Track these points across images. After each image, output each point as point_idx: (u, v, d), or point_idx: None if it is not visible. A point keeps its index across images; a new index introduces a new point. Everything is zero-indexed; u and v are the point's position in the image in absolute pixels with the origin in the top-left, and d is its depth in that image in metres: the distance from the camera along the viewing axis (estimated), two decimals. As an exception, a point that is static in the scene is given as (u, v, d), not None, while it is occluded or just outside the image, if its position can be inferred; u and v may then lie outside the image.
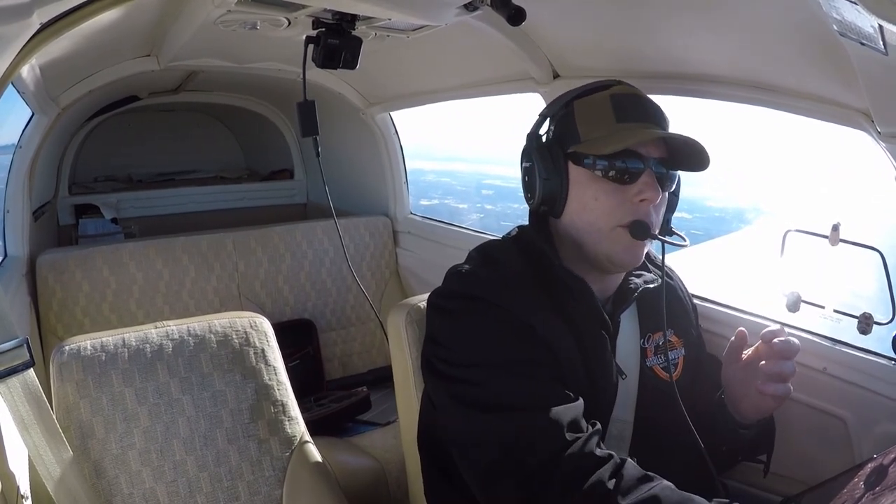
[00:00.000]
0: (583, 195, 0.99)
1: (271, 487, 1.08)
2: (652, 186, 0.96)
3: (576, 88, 1.05)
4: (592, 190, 0.98)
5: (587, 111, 1.01)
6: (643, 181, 0.96)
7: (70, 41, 1.34)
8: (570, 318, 0.98)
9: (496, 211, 15.15)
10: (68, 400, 0.99)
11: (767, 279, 1.29)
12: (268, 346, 1.16)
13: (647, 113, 0.99)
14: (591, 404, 0.96)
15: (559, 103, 1.04)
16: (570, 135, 1.01)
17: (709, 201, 12.16)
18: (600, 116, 0.99)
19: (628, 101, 1.00)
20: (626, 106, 0.99)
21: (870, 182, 9.64)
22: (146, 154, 3.34)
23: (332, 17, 1.34)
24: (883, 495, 0.75)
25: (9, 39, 0.89)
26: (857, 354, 1.16)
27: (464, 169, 23.03)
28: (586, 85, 1.04)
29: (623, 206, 0.97)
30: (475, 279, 1.00)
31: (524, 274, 1.00)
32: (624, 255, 1.00)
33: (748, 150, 59.56)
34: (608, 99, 1.00)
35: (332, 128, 2.64)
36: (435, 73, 2.00)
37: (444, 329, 1.00)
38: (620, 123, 0.97)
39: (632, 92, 1.02)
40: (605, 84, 1.03)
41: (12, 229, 1.94)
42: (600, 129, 0.98)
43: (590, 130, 0.99)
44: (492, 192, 17.81)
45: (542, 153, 1.02)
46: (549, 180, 1.01)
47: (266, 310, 2.26)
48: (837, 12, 0.73)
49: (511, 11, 1.14)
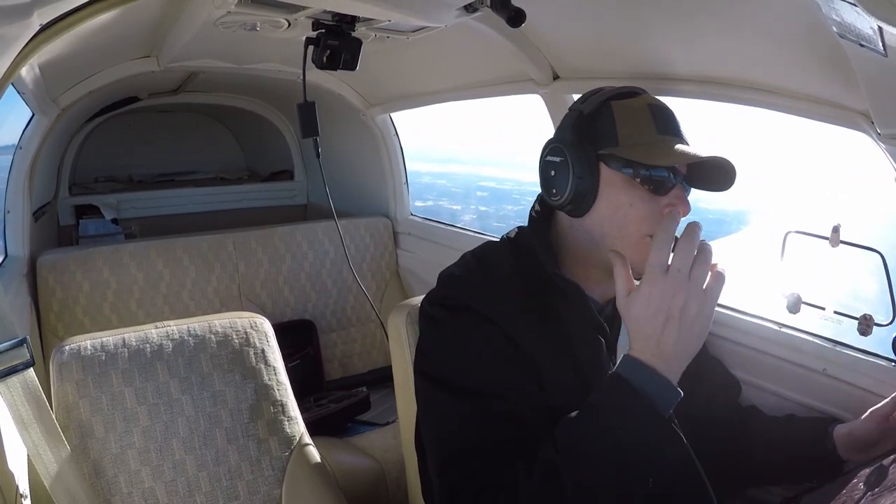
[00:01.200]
0: (616, 199, 0.97)
1: (270, 487, 1.08)
2: (684, 200, 0.97)
3: (606, 89, 1.03)
4: (628, 195, 0.96)
5: (627, 115, 0.99)
6: (675, 194, 0.96)
7: (70, 42, 1.34)
8: (562, 323, 0.98)
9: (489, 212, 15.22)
10: (68, 399, 0.99)
11: (764, 282, 1.29)
12: (268, 347, 1.16)
13: (679, 128, 0.99)
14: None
15: (595, 100, 1.01)
16: (606, 136, 0.98)
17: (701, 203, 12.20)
18: (641, 124, 0.98)
19: (665, 113, 1.00)
20: (665, 118, 0.99)
21: (870, 183, 9.65)
22: (146, 155, 3.35)
23: (332, 18, 1.34)
24: (882, 496, 0.75)
25: (9, 40, 0.89)
26: (857, 356, 1.16)
27: (460, 171, 23.07)
28: (615, 87, 1.03)
29: (654, 217, 0.96)
30: (464, 285, 1.00)
31: (515, 278, 0.99)
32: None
33: (747, 148, 59.57)
34: (647, 107, 0.99)
35: (333, 129, 2.65)
36: (435, 75, 2.00)
37: (430, 340, 1.00)
38: (661, 136, 0.97)
39: (664, 105, 1.02)
40: (633, 91, 1.02)
41: (13, 230, 1.95)
42: (642, 136, 0.97)
43: (630, 135, 0.97)
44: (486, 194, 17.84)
45: (576, 149, 0.98)
46: (583, 179, 0.97)
47: (266, 310, 2.26)
48: (837, 14, 0.73)
49: (511, 13, 1.14)
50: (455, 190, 18.68)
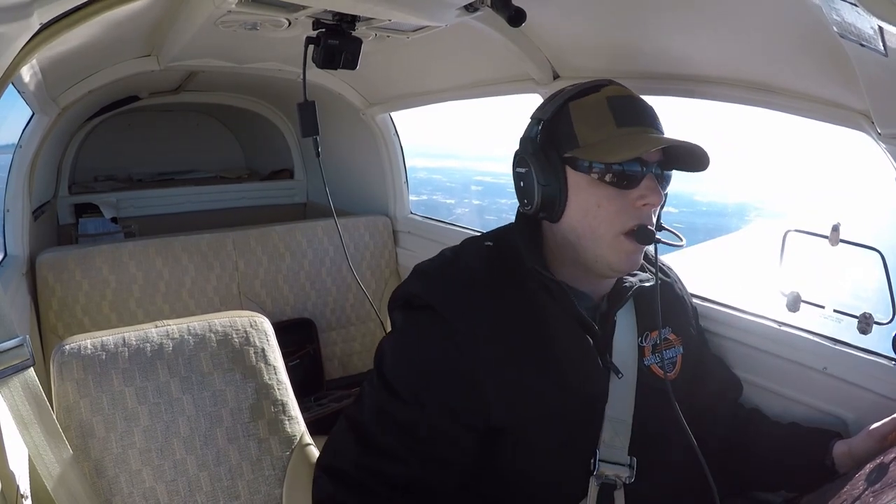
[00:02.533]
0: (585, 201, 0.97)
1: (271, 487, 1.08)
2: (654, 190, 0.96)
3: (566, 90, 1.03)
4: (595, 196, 0.96)
5: (584, 114, 0.99)
6: (645, 185, 0.95)
7: (70, 41, 1.34)
8: (541, 320, 0.97)
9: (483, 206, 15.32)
10: (68, 399, 0.99)
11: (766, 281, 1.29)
12: (268, 346, 1.16)
13: (644, 115, 0.98)
14: (572, 406, 0.97)
15: (552, 106, 1.01)
16: (567, 139, 0.98)
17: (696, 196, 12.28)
18: (599, 120, 0.97)
19: (625, 103, 0.98)
20: (624, 109, 0.98)
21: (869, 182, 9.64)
22: (146, 154, 3.35)
23: (332, 17, 1.34)
24: (884, 492, 0.75)
25: (9, 39, 0.89)
26: (857, 354, 1.16)
27: (456, 166, 23.15)
28: (577, 86, 1.02)
29: (626, 212, 0.96)
30: (431, 284, 1.00)
31: (489, 278, 0.99)
32: (625, 263, 0.99)
33: (744, 147, 59.61)
34: (605, 102, 0.98)
35: (333, 128, 2.65)
36: (435, 74, 2.00)
37: (390, 339, 1.01)
38: (621, 128, 0.96)
39: (626, 94, 1.00)
40: (596, 85, 1.01)
41: (12, 229, 1.94)
42: (600, 133, 0.97)
43: (589, 135, 0.97)
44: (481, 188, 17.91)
45: (538, 158, 0.99)
46: (548, 186, 0.98)
47: (266, 309, 2.26)
48: (837, 13, 0.73)
49: (511, 12, 1.14)
50: (450, 184, 18.75)
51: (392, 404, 0.94)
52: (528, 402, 0.94)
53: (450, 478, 0.95)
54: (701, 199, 12.63)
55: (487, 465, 0.97)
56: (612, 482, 0.99)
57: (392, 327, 1.03)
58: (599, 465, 0.98)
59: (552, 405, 0.96)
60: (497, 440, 0.96)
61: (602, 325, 1.04)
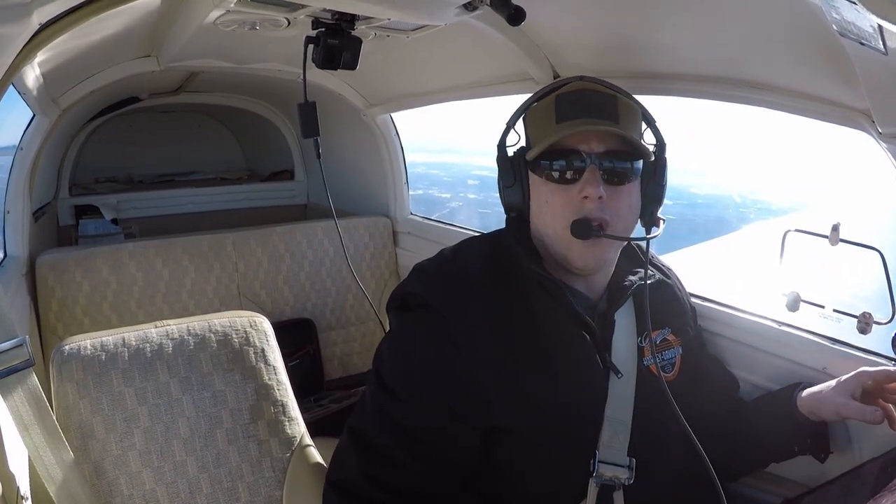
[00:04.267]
0: (538, 199, 1.02)
1: (271, 488, 1.08)
2: (592, 182, 0.95)
3: (535, 93, 1.06)
4: (543, 193, 1.00)
5: (534, 116, 1.04)
6: (584, 178, 0.95)
7: (70, 42, 1.34)
8: (541, 320, 0.97)
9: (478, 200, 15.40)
10: (68, 400, 0.99)
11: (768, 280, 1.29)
12: (268, 346, 1.16)
13: (589, 108, 0.98)
14: (571, 406, 0.96)
15: (518, 112, 1.07)
16: (526, 143, 1.04)
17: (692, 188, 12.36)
18: (543, 120, 1.00)
19: (572, 98, 1.00)
20: (569, 104, 0.99)
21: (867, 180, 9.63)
22: (147, 155, 3.35)
23: (331, 16, 1.34)
24: (884, 496, 0.74)
25: (9, 39, 0.89)
26: (856, 354, 1.16)
27: (455, 161, 23.19)
28: (543, 88, 1.06)
29: (569, 207, 0.96)
30: (428, 283, 1.01)
31: (486, 277, 1.00)
32: (579, 259, 0.99)
33: (743, 146, 59.57)
34: (553, 100, 1.00)
35: (333, 129, 2.64)
36: (435, 74, 2.00)
37: (389, 341, 1.02)
38: (559, 123, 0.97)
39: (580, 88, 1.01)
40: (563, 83, 1.04)
41: (12, 230, 1.95)
42: (543, 131, 0.99)
43: (534, 135, 1.02)
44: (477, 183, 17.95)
45: (503, 162, 1.05)
46: (509, 188, 1.04)
47: (266, 309, 2.26)
48: (837, 12, 0.73)
49: (511, 11, 1.14)
50: (447, 179, 18.80)
51: (391, 405, 0.94)
52: (527, 401, 0.94)
53: (450, 478, 0.95)
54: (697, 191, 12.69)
55: (487, 465, 0.97)
56: (611, 483, 0.98)
57: (389, 328, 1.04)
58: (599, 465, 0.98)
59: (551, 405, 0.95)
60: (496, 440, 0.96)
61: (601, 325, 1.04)
